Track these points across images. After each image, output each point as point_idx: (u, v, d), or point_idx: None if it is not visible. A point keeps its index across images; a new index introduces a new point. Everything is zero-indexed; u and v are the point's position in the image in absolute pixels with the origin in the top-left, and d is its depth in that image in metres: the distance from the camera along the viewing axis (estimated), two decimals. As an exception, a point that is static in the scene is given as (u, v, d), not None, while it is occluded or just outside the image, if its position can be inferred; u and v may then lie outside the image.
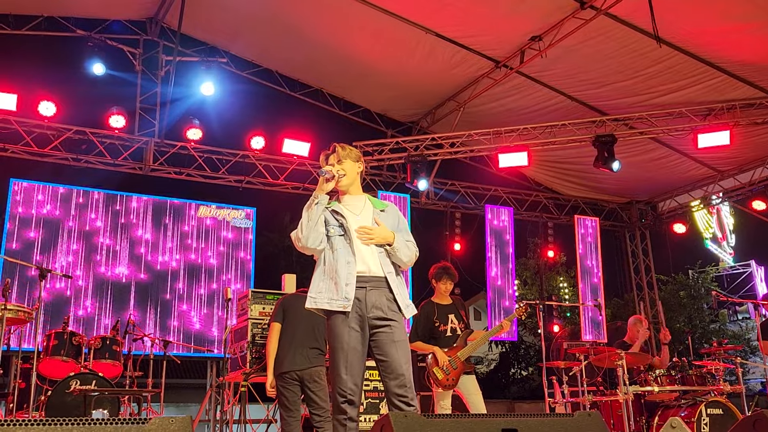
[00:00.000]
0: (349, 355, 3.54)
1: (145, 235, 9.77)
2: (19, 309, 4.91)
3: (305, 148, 10.30)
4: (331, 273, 3.61)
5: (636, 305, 13.05)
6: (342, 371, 3.52)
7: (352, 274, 3.59)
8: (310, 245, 3.62)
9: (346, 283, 3.57)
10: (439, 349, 6.00)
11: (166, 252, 9.85)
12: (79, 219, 9.45)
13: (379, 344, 3.59)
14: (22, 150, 9.35)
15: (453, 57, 9.70)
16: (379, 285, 3.65)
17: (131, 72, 10.02)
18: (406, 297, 3.74)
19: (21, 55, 9.39)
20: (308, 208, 3.63)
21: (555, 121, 10.21)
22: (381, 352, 3.58)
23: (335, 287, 3.58)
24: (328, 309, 3.60)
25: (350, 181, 3.81)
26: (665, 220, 13.01)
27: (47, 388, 6.37)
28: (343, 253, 3.63)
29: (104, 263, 9.48)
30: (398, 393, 3.50)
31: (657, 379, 6.54)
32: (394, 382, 3.52)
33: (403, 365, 3.55)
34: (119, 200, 9.77)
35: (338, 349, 3.55)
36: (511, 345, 20.78)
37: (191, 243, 10.03)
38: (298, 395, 5.29)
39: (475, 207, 12.18)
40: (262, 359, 6.11)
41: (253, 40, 10.28)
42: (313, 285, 3.68)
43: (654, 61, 8.86)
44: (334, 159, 3.80)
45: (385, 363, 3.56)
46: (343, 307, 3.55)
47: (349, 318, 3.56)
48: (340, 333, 3.56)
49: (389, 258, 3.71)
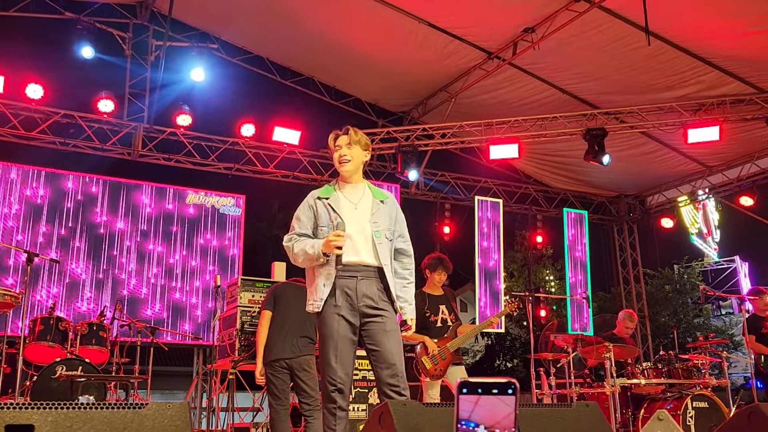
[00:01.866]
0: (339, 344, 3.52)
1: (133, 221, 9.69)
2: (6, 293, 4.85)
3: (296, 137, 10.25)
4: (319, 270, 3.62)
5: (622, 299, 13.14)
6: (332, 360, 3.51)
7: (331, 274, 3.57)
8: (302, 267, 3.73)
9: (324, 283, 3.58)
10: (429, 339, 6.01)
11: (154, 238, 9.77)
12: (67, 204, 9.35)
13: (370, 334, 3.58)
14: (8, 133, 9.23)
15: (445, 47, 9.66)
16: (371, 275, 3.63)
17: (120, 56, 9.91)
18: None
19: (8, 36, 9.24)
20: (312, 260, 3.59)
21: (546, 114, 10.21)
22: (373, 341, 3.57)
23: (329, 274, 3.57)
24: (322, 297, 3.61)
25: (355, 168, 3.77)
26: (653, 215, 13.08)
27: (32, 373, 6.31)
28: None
29: (91, 248, 9.39)
30: (390, 383, 3.50)
31: (644, 372, 6.60)
32: (386, 371, 3.51)
33: (395, 355, 3.54)
34: (107, 186, 9.67)
35: (328, 338, 3.54)
36: (497, 336, 20.88)
37: (179, 229, 9.96)
38: (288, 383, 5.28)
39: (464, 198, 12.18)
40: (250, 347, 6.09)
41: (245, 26, 10.19)
42: (308, 275, 3.75)
43: (646, 55, 8.86)
44: (344, 141, 3.77)
45: (377, 353, 3.55)
46: (316, 309, 3.58)
47: (339, 307, 3.54)
48: (329, 322, 3.55)
49: (387, 250, 3.69)
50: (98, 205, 9.54)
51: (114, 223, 9.58)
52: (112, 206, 9.62)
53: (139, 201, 9.81)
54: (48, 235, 9.17)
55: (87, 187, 9.54)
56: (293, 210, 3.94)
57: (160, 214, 9.90)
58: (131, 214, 9.71)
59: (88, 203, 9.48)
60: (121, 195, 9.72)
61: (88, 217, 9.44)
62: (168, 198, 10.01)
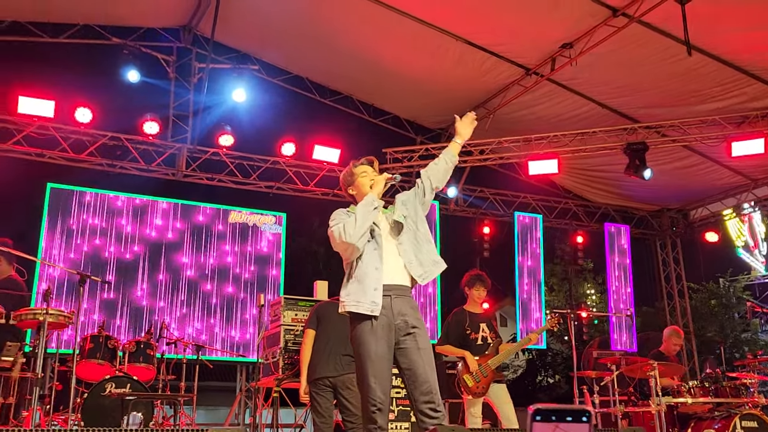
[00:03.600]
0: (376, 363, 3.55)
1: (176, 241, 9.89)
2: (60, 314, 5.01)
3: (335, 155, 10.38)
4: (360, 277, 3.63)
5: (666, 314, 12.92)
6: (371, 380, 3.53)
7: (380, 279, 3.61)
8: (359, 243, 3.61)
9: (375, 288, 3.59)
10: (470, 355, 6.02)
11: (197, 257, 9.96)
12: (114, 224, 9.59)
13: (404, 352, 3.61)
14: (59, 155, 9.53)
15: (483, 64, 9.70)
16: (403, 293, 3.69)
17: (165, 79, 10.18)
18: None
19: (59, 62, 9.56)
20: (367, 207, 3.64)
21: (586, 129, 10.16)
22: (406, 360, 3.60)
23: (363, 291, 3.59)
24: (354, 311, 3.60)
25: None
26: (697, 229, 12.86)
27: (83, 390, 6.48)
28: (372, 259, 3.65)
29: (137, 268, 9.61)
30: (425, 400, 3.50)
31: (690, 391, 6.48)
32: (420, 389, 3.53)
33: (429, 372, 3.56)
34: (152, 206, 9.90)
35: (366, 358, 3.57)
36: (539, 352, 20.65)
37: (222, 248, 10.13)
38: (331, 401, 5.33)
39: (504, 214, 12.15)
40: (294, 365, 6.16)
41: (284, 47, 10.38)
42: (343, 289, 3.73)
43: (687, 68, 8.78)
44: (377, 167, 3.91)
45: (410, 371, 3.57)
46: (370, 310, 3.56)
47: (375, 326, 3.57)
48: (366, 341, 3.58)
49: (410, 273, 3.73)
50: (145, 225, 9.76)
51: (159, 242, 9.79)
52: (157, 226, 9.84)
53: (183, 220, 10.01)
54: (99, 255, 9.41)
55: (133, 208, 9.78)
56: None
57: (203, 232, 10.09)
58: (176, 234, 9.92)
59: (134, 223, 9.71)
60: (165, 214, 9.93)
61: (134, 236, 9.67)
62: (211, 217, 10.20)
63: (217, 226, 10.20)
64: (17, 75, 9.07)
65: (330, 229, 3.70)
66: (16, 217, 10.47)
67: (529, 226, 11.68)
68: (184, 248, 9.92)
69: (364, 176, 3.88)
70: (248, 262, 10.25)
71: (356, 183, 3.89)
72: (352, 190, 3.93)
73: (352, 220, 3.61)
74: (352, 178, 3.91)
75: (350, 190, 3.95)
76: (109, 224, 9.56)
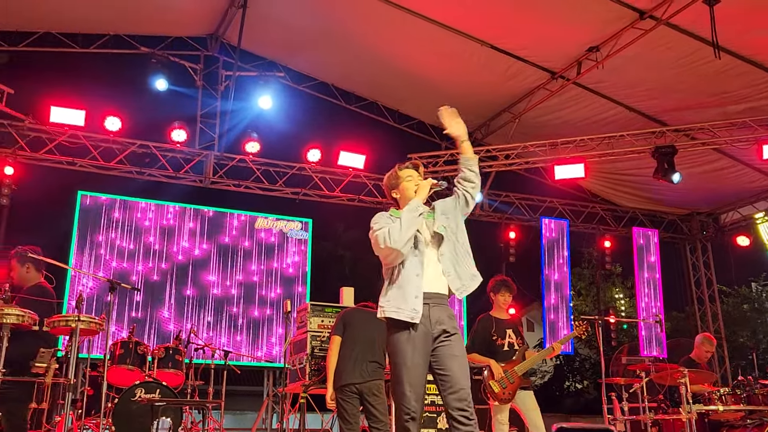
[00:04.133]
0: (412, 372, 3.54)
1: (204, 246, 10.00)
2: (91, 321, 5.09)
3: (360, 161, 10.42)
4: (401, 283, 3.60)
5: (697, 319, 12.73)
6: (406, 388, 3.52)
7: (420, 287, 3.59)
8: (403, 249, 3.57)
9: (415, 295, 3.57)
10: (494, 363, 5.98)
11: (224, 263, 10.05)
12: (143, 230, 9.73)
13: (439, 358, 3.59)
14: (89, 164, 9.69)
15: (508, 69, 9.67)
16: (441, 302, 3.67)
17: (192, 87, 10.31)
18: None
19: (89, 72, 9.74)
20: (412, 212, 3.60)
21: (613, 133, 10.07)
22: (441, 366, 3.58)
23: (404, 297, 3.57)
24: (394, 317, 3.57)
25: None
26: (727, 232, 12.66)
27: (113, 395, 6.57)
28: (413, 266, 3.62)
29: (166, 274, 9.73)
30: (458, 407, 3.49)
31: (722, 398, 6.38)
32: (453, 396, 3.51)
33: (462, 379, 3.54)
34: (180, 212, 10.02)
35: (401, 366, 3.56)
36: (566, 357, 20.47)
37: (249, 254, 10.22)
38: (358, 408, 5.34)
39: (530, 219, 12.08)
40: (321, 371, 6.19)
41: (310, 54, 10.45)
42: (383, 295, 3.69)
43: (716, 70, 8.66)
44: (422, 171, 3.87)
45: (445, 377, 3.56)
46: (410, 318, 3.54)
47: (413, 334, 3.56)
48: (403, 349, 3.57)
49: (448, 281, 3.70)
50: (172, 232, 9.88)
51: (186, 248, 9.90)
52: (185, 232, 9.95)
53: (210, 226, 10.11)
54: (129, 262, 9.55)
55: (161, 214, 9.91)
56: (358, 230, 4.03)
57: (230, 239, 10.19)
58: (203, 240, 10.02)
59: (162, 230, 9.84)
60: (193, 221, 10.05)
61: (161, 243, 9.79)
62: (238, 223, 10.29)
63: (244, 233, 10.28)
64: (49, 85, 9.27)
65: (373, 233, 3.66)
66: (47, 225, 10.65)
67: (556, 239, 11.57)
68: (211, 254, 10.01)
69: (409, 180, 3.83)
70: (275, 269, 10.31)
71: (401, 187, 3.85)
72: (396, 193, 3.89)
73: (397, 225, 3.58)
74: (397, 181, 3.87)
75: (394, 194, 3.91)
76: (137, 244, 9.67)
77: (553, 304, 11.41)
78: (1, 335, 4.62)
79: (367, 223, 3.85)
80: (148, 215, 9.83)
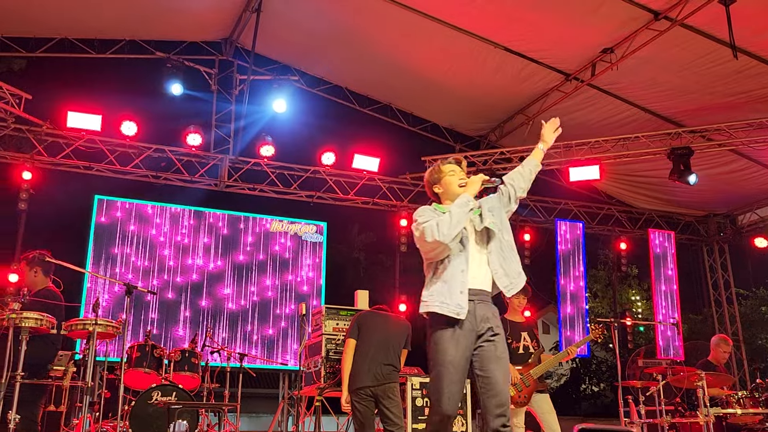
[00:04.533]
0: (452, 370, 3.41)
1: (219, 250, 10.05)
2: (108, 324, 5.14)
3: (375, 164, 10.43)
4: (446, 278, 3.50)
5: (714, 321, 12.62)
6: (444, 387, 3.39)
7: (465, 283, 3.48)
8: (452, 243, 3.46)
9: (461, 290, 3.45)
10: (510, 365, 5.97)
11: (239, 266, 10.10)
12: (158, 234, 9.80)
13: (482, 359, 3.48)
14: (106, 168, 9.77)
15: (522, 71, 9.65)
16: (486, 299, 3.57)
17: (207, 91, 10.38)
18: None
19: (105, 77, 9.85)
20: (462, 207, 3.51)
21: (628, 134, 10.02)
22: (484, 367, 3.47)
23: (449, 292, 3.46)
24: (438, 312, 3.46)
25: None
26: (745, 234, 12.55)
27: (130, 398, 6.62)
28: (459, 262, 3.52)
29: (184, 277, 9.78)
30: (498, 413, 3.39)
31: (740, 401, 6.32)
32: (493, 400, 3.41)
33: (504, 384, 3.44)
34: (195, 216, 10.08)
35: (442, 365, 3.43)
36: (582, 360, 20.34)
37: (264, 257, 10.26)
38: (372, 411, 5.34)
39: (545, 221, 12.04)
40: (336, 374, 6.20)
41: (324, 57, 10.49)
42: (425, 289, 3.58)
43: (733, 70, 8.59)
44: (465, 167, 3.81)
45: (486, 380, 3.45)
46: (455, 313, 3.42)
47: (456, 332, 3.44)
48: (446, 347, 3.44)
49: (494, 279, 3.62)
50: (187, 235, 9.94)
51: (201, 251, 9.96)
52: (200, 235, 10.00)
53: (225, 230, 10.17)
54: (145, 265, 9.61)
55: (177, 218, 9.97)
56: (373, 232, 4.00)
57: (245, 242, 10.23)
58: (218, 244, 10.07)
59: (178, 233, 9.90)
60: (208, 224, 10.11)
61: (177, 247, 9.85)
62: (253, 226, 10.33)
63: (259, 236, 10.33)
64: (66, 91, 9.38)
65: (419, 225, 3.54)
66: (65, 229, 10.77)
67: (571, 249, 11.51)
68: (226, 258, 10.06)
69: (452, 175, 3.76)
70: (290, 272, 10.35)
71: (443, 181, 3.77)
72: (438, 188, 3.80)
73: (447, 218, 3.46)
74: (440, 175, 3.79)
75: (435, 188, 3.82)
76: (155, 234, 9.75)
77: (569, 305, 11.36)
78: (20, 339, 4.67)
79: (381, 226, 3.85)
80: (163, 230, 9.83)
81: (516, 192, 3.79)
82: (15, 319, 4.66)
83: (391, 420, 5.27)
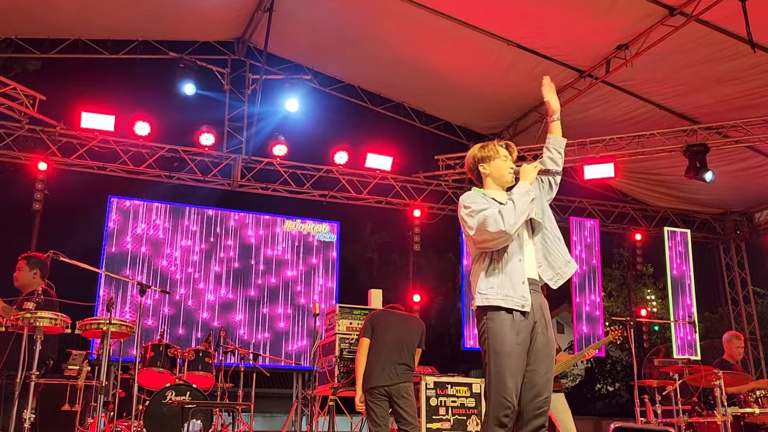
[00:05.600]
0: (514, 360, 3.23)
1: (232, 249, 10.06)
2: (122, 323, 5.15)
3: (388, 162, 10.41)
4: (508, 270, 3.32)
5: (731, 320, 12.50)
6: (507, 379, 3.20)
7: (524, 273, 3.34)
8: (513, 234, 3.28)
9: (522, 281, 3.31)
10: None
11: (253, 265, 10.11)
12: (172, 233, 9.82)
13: (532, 353, 3.30)
14: (119, 168, 9.81)
15: (535, 68, 9.57)
16: (537, 289, 3.44)
17: (220, 91, 10.40)
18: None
19: (118, 78, 9.90)
20: (524, 196, 3.33)
21: (643, 131, 9.93)
22: (531, 362, 3.29)
23: (512, 284, 3.30)
24: (502, 306, 3.28)
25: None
26: (762, 231, 12.41)
27: (144, 398, 6.62)
28: (515, 252, 3.37)
29: (197, 277, 9.80)
30: (538, 413, 3.26)
31: (758, 401, 6.24)
32: (534, 402, 3.27)
33: (546, 386, 3.30)
34: (208, 215, 10.10)
35: (504, 354, 3.24)
36: (598, 360, 20.22)
37: (277, 257, 10.26)
38: (387, 410, 5.31)
39: (559, 219, 11.85)
40: (349, 374, 6.18)
41: (336, 56, 10.47)
42: (482, 282, 3.36)
43: (749, 66, 8.49)
44: (515, 156, 3.63)
45: (530, 372, 3.28)
46: (520, 306, 3.27)
47: (517, 322, 3.27)
48: (507, 336, 3.25)
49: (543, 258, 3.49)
50: (200, 235, 9.96)
51: (215, 251, 9.97)
52: (214, 235, 10.02)
53: (238, 230, 10.18)
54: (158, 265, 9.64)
55: (190, 217, 9.99)
56: (386, 232, 3.90)
57: (258, 242, 10.24)
58: (232, 243, 10.08)
59: (191, 233, 9.92)
60: (221, 224, 10.12)
61: (191, 246, 9.87)
62: (266, 226, 10.34)
63: (273, 236, 10.33)
64: (79, 91, 9.43)
65: (476, 214, 3.32)
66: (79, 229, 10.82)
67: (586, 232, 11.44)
68: (240, 257, 10.08)
69: (505, 160, 3.56)
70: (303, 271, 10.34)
71: (494, 163, 3.56)
72: (485, 167, 3.57)
73: (510, 208, 3.27)
74: (493, 155, 3.56)
75: (482, 167, 3.58)
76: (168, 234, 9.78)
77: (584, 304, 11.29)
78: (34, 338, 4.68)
79: (394, 225, 3.79)
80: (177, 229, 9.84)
81: (555, 179, 3.65)
82: (30, 318, 4.67)
83: (405, 419, 5.24)
